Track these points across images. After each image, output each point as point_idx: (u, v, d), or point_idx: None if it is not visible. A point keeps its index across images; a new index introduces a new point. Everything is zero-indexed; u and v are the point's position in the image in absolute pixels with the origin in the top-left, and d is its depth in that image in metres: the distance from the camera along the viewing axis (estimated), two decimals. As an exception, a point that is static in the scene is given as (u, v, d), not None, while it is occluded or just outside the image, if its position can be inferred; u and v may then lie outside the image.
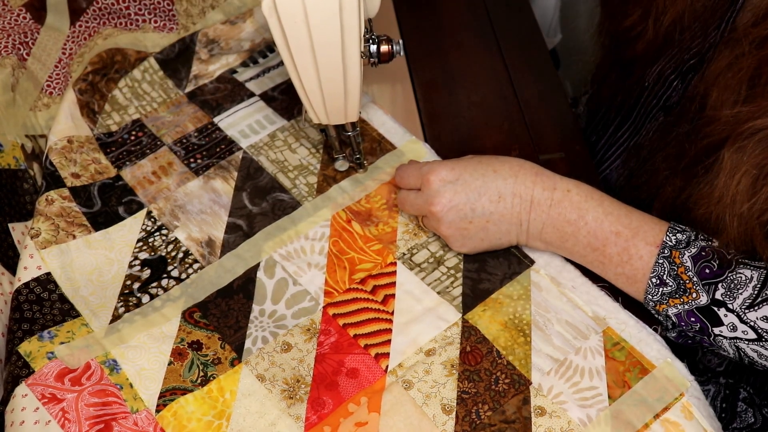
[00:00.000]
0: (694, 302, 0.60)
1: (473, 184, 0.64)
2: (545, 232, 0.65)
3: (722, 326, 0.59)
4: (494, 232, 0.66)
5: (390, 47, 0.67)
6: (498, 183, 0.64)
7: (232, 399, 0.61)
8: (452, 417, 0.60)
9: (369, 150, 0.79)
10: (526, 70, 0.88)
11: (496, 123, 0.82)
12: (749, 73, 0.58)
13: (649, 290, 0.62)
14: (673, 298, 0.61)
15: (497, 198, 0.64)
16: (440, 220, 0.65)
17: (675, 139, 0.70)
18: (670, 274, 0.60)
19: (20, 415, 0.59)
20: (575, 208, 0.63)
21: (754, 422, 0.74)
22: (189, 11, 0.89)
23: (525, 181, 0.64)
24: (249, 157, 0.79)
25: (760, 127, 0.55)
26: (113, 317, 0.66)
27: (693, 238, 0.61)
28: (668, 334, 0.65)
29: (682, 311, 0.61)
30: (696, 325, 0.61)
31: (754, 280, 0.58)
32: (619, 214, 0.63)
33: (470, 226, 0.65)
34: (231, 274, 0.69)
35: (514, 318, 0.65)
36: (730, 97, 0.59)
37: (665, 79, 0.74)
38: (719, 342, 0.60)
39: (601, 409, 0.60)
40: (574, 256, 0.66)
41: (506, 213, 0.64)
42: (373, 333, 0.65)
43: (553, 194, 0.64)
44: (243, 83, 0.86)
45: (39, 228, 0.70)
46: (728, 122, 0.58)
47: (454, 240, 0.67)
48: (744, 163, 0.55)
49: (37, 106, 0.82)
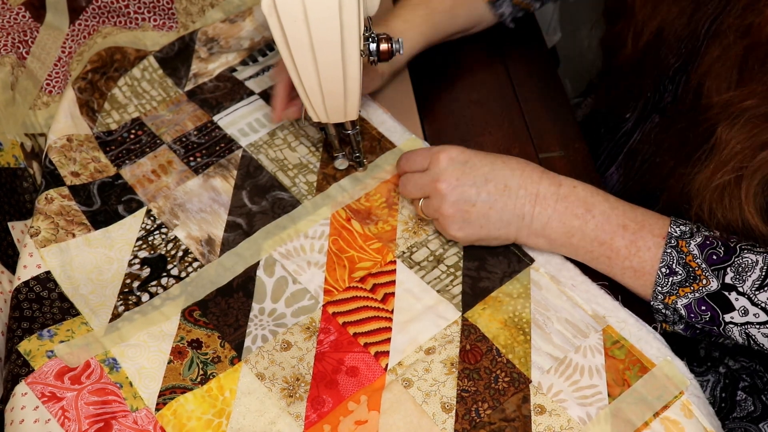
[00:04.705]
0: (705, 289, 0.60)
1: (482, 169, 0.65)
2: (550, 227, 0.65)
3: (733, 311, 0.60)
4: (495, 222, 0.66)
5: (389, 46, 0.67)
6: (505, 173, 0.65)
7: (232, 397, 0.61)
8: (452, 415, 0.60)
9: (369, 148, 0.79)
10: (525, 68, 0.88)
11: (495, 121, 0.82)
12: (738, 61, 0.61)
13: (659, 281, 0.62)
14: (683, 287, 0.61)
15: (503, 187, 0.65)
16: (444, 197, 0.65)
17: (675, 133, 0.71)
18: (678, 262, 0.61)
19: (20, 413, 0.59)
20: (582, 202, 0.64)
21: (754, 410, 0.74)
22: (188, 10, 0.89)
23: (531, 176, 0.65)
24: (249, 156, 0.79)
25: (747, 107, 0.58)
26: (113, 316, 0.66)
27: (696, 229, 0.62)
28: (675, 327, 0.65)
29: (692, 301, 0.61)
30: (706, 315, 0.61)
31: (760, 263, 0.59)
32: (624, 209, 0.64)
33: (472, 209, 0.65)
34: (231, 272, 0.69)
35: (513, 316, 0.65)
36: (722, 84, 0.62)
37: (657, 84, 0.75)
38: (729, 330, 0.61)
39: (601, 407, 0.60)
40: (579, 252, 0.66)
41: (510, 203, 0.65)
42: (372, 331, 0.65)
43: (559, 189, 0.65)
44: (242, 82, 0.86)
45: (38, 227, 0.70)
46: (722, 107, 0.61)
47: (453, 222, 0.66)
48: (732, 138, 0.59)
49: (37, 105, 0.82)
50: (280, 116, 0.77)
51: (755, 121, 0.58)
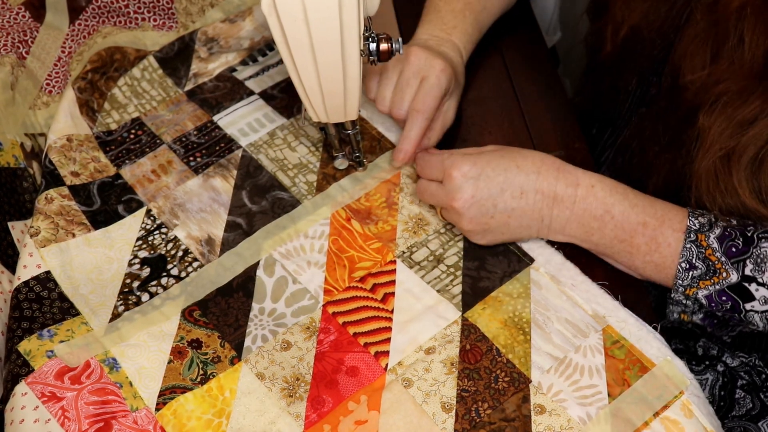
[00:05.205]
0: (725, 281, 0.61)
1: (495, 180, 0.65)
2: (569, 227, 0.66)
3: (754, 301, 0.60)
4: (515, 227, 0.66)
5: (389, 45, 0.67)
6: (520, 179, 0.65)
7: (232, 397, 0.61)
8: (452, 415, 0.60)
9: (368, 148, 0.79)
10: (525, 68, 0.88)
11: (495, 121, 0.82)
12: (708, 39, 0.61)
13: (679, 275, 0.62)
14: (703, 280, 0.62)
15: (519, 194, 0.65)
16: (462, 215, 0.66)
17: (656, 119, 0.72)
18: (698, 257, 0.61)
19: (20, 413, 0.59)
20: (600, 203, 0.64)
21: (753, 408, 0.74)
22: (188, 9, 0.89)
23: (548, 177, 0.65)
24: (248, 156, 0.79)
25: (723, 91, 0.59)
26: (113, 316, 0.66)
27: (714, 219, 0.62)
28: (694, 317, 0.65)
29: (713, 292, 0.61)
30: (727, 304, 0.61)
31: None
32: (644, 205, 0.64)
33: (491, 221, 0.65)
34: (230, 272, 0.69)
35: (513, 316, 0.65)
36: (698, 63, 0.62)
37: (642, 78, 0.75)
38: (750, 317, 0.61)
39: (601, 407, 0.60)
40: (599, 248, 0.67)
41: (528, 209, 0.65)
42: (372, 331, 0.65)
43: (576, 190, 0.64)
44: (242, 81, 0.86)
45: (38, 226, 0.70)
46: (699, 89, 0.62)
47: (475, 234, 0.67)
48: (714, 122, 0.60)
49: (37, 105, 0.82)
50: (409, 159, 0.73)
51: (731, 101, 0.58)
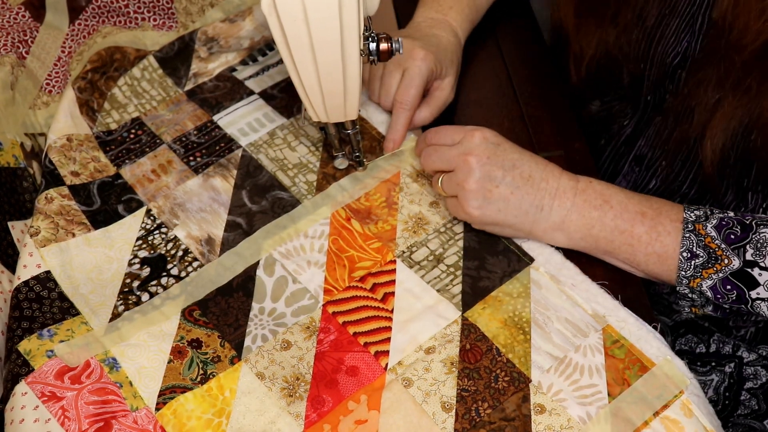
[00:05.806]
0: (727, 268, 0.61)
1: (511, 155, 0.67)
2: (569, 220, 0.66)
3: (759, 287, 0.60)
4: (513, 208, 0.66)
5: (389, 45, 0.67)
6: (531, 164, 0.67)
7: (232, 397, 0.61)
8: (452, 415, 0.60)
9: (368, 148, 0.79)
10: (525, 68, 0.88)
11: (495, 121, 0.82)
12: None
13: (682, 265, 0.63)
14: (705, 268, 0.62)
15: (528, 176, 0.66)
16: (472, 171, 0.66)
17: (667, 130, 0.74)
18: (698, 245, 0.62)
19: (20, 413, 0.59)
20: (599, 194, 0.66)
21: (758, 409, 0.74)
22: (188, 9, 0.89)
23: (553, 171, 0.67)
24: (248, 156, 0.79)
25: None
26: (113, 315, 0.66)
27: (710, 212, 0.63)
28: (704, 310, 0.65)
29: (717, 281, 0.62)
30: (732, 294, 0.61)
31: None
32: (640, 198, 0.66)
33: (495, 190, 0.66)
34: (230, 272, 0.69)
35: (513, 316, 0.65)
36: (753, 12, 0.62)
37: (657, 86, 0.75)
38: (758, 307, 0.61)
39: (601, 406, 0.60)
40: (599, 244, 0.66)
41: (531, 192, 0.66)
42: (372, 331, 0.65)
43: (577, 184, 0.67)
44: (242, 81, 0.86)
45: (38, 226, 0.70)
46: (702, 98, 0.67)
47: (474, 198, 0.66)
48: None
49: (37, 105, 0.82)
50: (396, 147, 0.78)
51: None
